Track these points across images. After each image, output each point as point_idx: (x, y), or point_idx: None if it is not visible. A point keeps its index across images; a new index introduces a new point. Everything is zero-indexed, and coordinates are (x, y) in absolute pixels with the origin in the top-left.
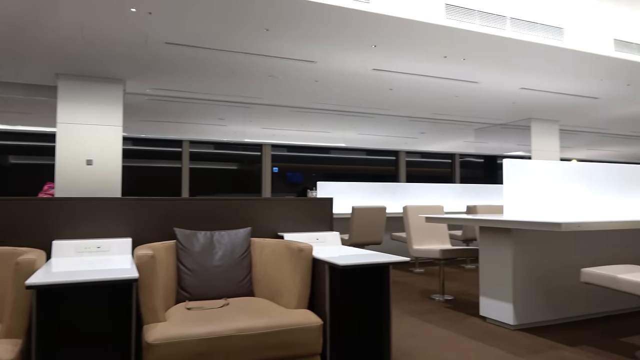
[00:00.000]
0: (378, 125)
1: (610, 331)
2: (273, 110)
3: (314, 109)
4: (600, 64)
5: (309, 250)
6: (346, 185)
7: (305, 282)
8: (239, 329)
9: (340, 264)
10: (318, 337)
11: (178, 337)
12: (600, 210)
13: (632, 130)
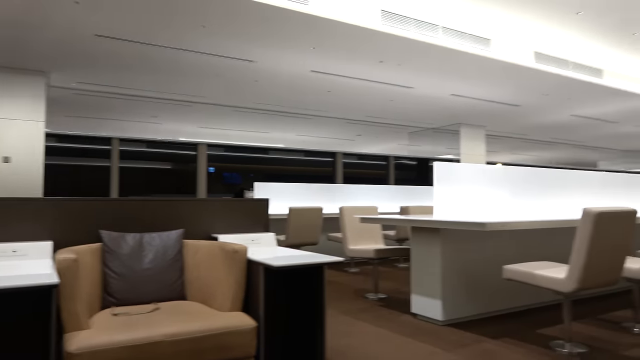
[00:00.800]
0: (316, 127)
1: (529, 324)
2: (210, 108)
3: (252, 108)
4: (522, 74)
5: (244, 252)
6: (284, 186)
7: (239, 284)
8: (168, 334)
9: (275, 265)
10: (252, 339)
11: (102, 345)
12: (521, 210)
13: (550, 137)
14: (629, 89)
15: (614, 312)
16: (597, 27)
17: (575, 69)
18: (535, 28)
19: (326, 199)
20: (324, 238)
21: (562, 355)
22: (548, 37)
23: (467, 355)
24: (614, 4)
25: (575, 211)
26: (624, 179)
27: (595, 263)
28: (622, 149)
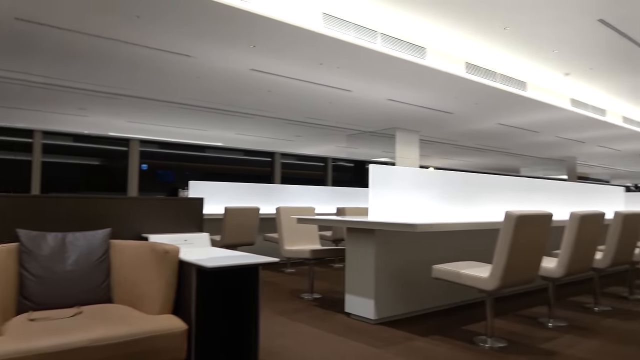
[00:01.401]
0: (255, 126)
1: (455, 320)
2: (143, 103)
3: (189, 105)
4: (454, 83)
5: (175, 252)
6: (220, 185)
7: (170, 285)
8: (92, 340)
9: (208, 265)
10: (182, 343)
11: (15, 353)
12: (450, 213)
13: (479, 143)
14: (549, 101)
15: (532, 308)
16: (522, 42)
17: (503, 81)
18: (467, 40)
19: (263, 199)
20: (260, 238)
21: (484, 349)
22: (478, 49)
23: (397, 352)
24: (536, 22)
25: (498, 214)
26: (543, 184)
27: (515, 262)
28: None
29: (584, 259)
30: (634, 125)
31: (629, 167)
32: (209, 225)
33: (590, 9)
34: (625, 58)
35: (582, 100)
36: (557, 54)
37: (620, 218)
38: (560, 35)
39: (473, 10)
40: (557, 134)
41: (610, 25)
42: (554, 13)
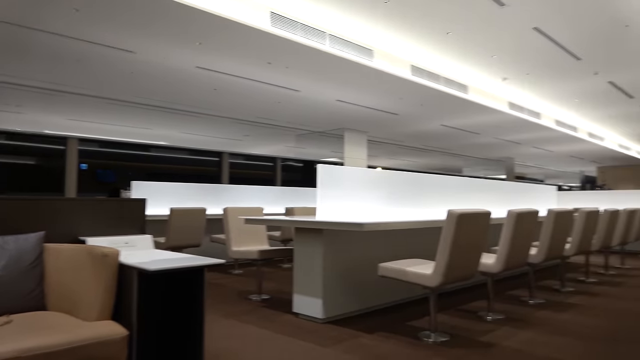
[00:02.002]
0: (202, 125)
1: (401, 317)
2: (83, 100)
3: (132, 102)
4: (400, 85)
5: (115, 256)
6: (165, 185)
7: (108, 290)
8: (23, 350)
9: (150, 269)
10: (122, 350)
11: None
12: (397, 212)
13: (424, 144)
14: (489, 104)
15: (472, 303)
16: (463, 47)
17: (446, 84)
18: (412, 44)
19: (211, 199)
20: (207, 240)
21: (428, 344)
22: (423, 52)
23: (344, 350)
24: (477, 28)
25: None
26: (483, 184)
27: (456, 259)
28: (482, 157)
29: (520, 255)
30: (565, 128)
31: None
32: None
33: (526, 17)
34: (558, 65)
35: (519, 104)
36: (495, 60)
37: (553, 215)
38: (499, 42)
39: (418, 15)
40: (496, 135)
41: (544, 34)
42: (493, 20)
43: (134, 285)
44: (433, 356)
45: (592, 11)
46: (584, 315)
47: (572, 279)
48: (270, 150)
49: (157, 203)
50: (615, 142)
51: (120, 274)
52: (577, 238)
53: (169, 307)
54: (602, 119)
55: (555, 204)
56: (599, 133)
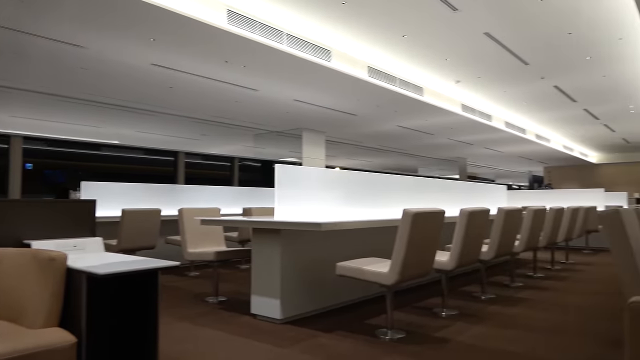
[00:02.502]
0: (157, 124)
1: (359, 315)
2: (29, 96)
3: (82, 99)
4: (357, 86)
5: (62, 260)
6: (117, 185)
7: (56, 296)
8: None
9: (100, 272)
10: (70, 358)
11: None
12: (355, 211)
13: (381, 144)
14: (443, 106)
15: (427, 299)
16: (419, 50)
17: (402, 85)
18: (369, 45)
19: (166, 200)
20: (162, 241)
21: (384, 341)
22: (380, 54)
23: (302, 350)
24: (431, 31)
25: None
26: (438, 183)
27: (412, 257)
28: (436, 158)
29: (472, 252)
30: (514, 130)
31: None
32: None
33: (477, 23)
34: (507, 69)
35: (471, 106)
36: (449, 63)
37: (503, 214)
38: (452, 46)
39: (374, 17)
40: (450, 136)
41: (494, 39)
42: (446, 25)
43: (83, 290)
44: (390, 353)
45: (539, 19)
46: (533, 309)
47: (521, 275)
48: (228, 150)
49: (109, 204)
50: (560, 144)
51: (68, 278)
52: (525, 235)
53: (122, 311)
54: (548, 121)
55: (505, 203)
56: (545, 135)
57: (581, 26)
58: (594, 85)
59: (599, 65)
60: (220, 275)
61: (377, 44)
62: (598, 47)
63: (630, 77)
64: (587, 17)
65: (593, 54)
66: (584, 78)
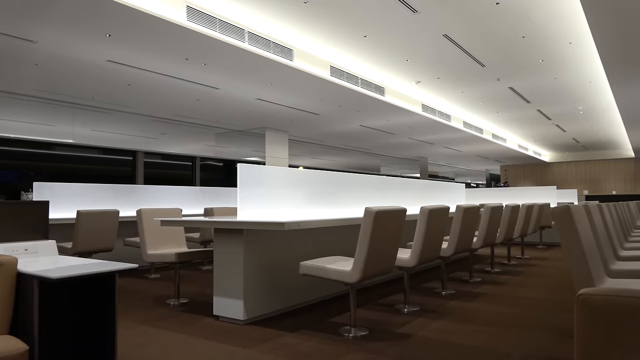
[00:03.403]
0: (115, 123)
1: (323, 314)
2: None
3: (33, 96)
4: (320, 85)
5: (12, 264)
6: (73, 186)
7: (6, 302)
8: None
9: (53, 277)
10: None
11: None
12: (318, 210)
13: (344, 144)
14: (404, 106)
15: (390, 296)
16: (380, 50)
17: (363, 85)
18: (332, 45)
19: (124, 200)
20: (120, 243)
21: (348, 339)
22: (342, 54)
23: (266, 350)
24: (391, 32)
25: (361, 210)
26: (400, 182)
27: (374, 255)
28: (398, 157)
29: (433, 249)
30: (472, 130)
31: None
32: (58, 232)
33: (436, 24)
34: (465, 71)
35: (431, 106)
36: (409, 63)
37: (461, 211)
38: (412, 47)
39: (336, 17)
40: (411, 135)
41: (453, 41)
42: (407, 26)
43: (35, 296)
44: (353, 351)
45: (495, 22)
46: (490, 304)
47: (479, 270)
48: (189, 149)
49: (64, 206)
50: (515, 143)
51: (19, 283)
52: (483, 232)
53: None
54: (504, 121)
55: (463, 201)
56: (501, 134)
57: (534, 30)
58: (546, 87)
59: (550, 68)
60: (181, 277)
61: (339, 43)
62: (550, 51)
63: (579, 80)
64: (540, 21)
65: (545, 57)
66: (537, 80)
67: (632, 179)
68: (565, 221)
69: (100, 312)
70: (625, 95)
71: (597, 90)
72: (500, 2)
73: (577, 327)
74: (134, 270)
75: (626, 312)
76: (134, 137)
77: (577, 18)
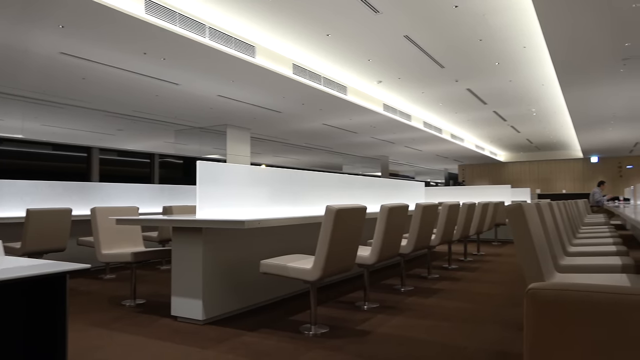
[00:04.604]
0: (68, 117)
1: (284, 312)
2: None
3: None
4: (282, 83)
5: None
6: (22, 184)
7: None
8: None
9: None
10: None
11: None
12: (280, 208)
13: (306, 142)
14: (366, 105)
15: (350, 294)
16: (342, 49)
17: (326, 84)
18: (294, 43)
19: (78, 199)
20: (73, 243)
21: (308, 337)
22: (305, 52)
23: (226, 350)
24: (354, 31)
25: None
26: (361, 180)
27: (335, 253)
28: (361, 156)
29: (393, 246)
30: (432, 130)
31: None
32: (6, 232)
33: (398, 25)
34: (425, 71)
35: (392, 106)
36: (371, 63)
37: (420, 209)
38: (374, 47)
39: (299, 15)
40: (373, 135)
41: (413, 42)
42: (369, 26)
43: None
44: (312, 349)
45: (453, 25)
46: (447, 299)
47: (437, 267)
48: (147, 146)
49: (12, 204)
50: (473, 143)
51: None
52: (441, 229)
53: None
54: (462, 122)
55: (423, 199)
56: (459, 134)
57: (491, 34)
58: (502, 90)
59: (506, 70)
60: (138, 277)
61: (302, 41)
62: (505, 54)
63: (533, 83)
64: (496, 25)
65: (501, 60)
66: (493, 82)
67: (581, 178)
68: (518, 219)
69: (50, 315)
70: (575, 99)
71: (549, 93)
72: (459, 5)
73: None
74: (87, 270)
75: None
76: (88, 132)
77: (531, 23)
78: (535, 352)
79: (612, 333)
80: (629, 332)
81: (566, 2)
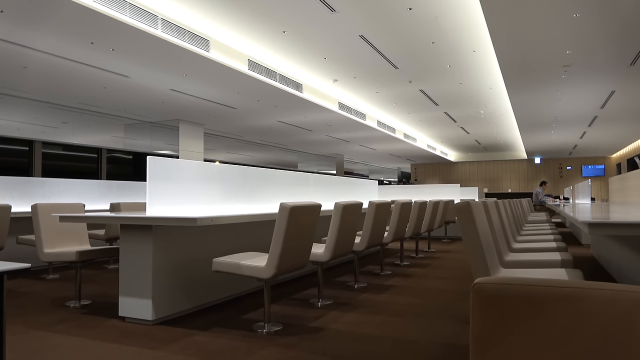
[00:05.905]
0: (7, 109)
1: (237, 311)
2: None
3: None
4: (237, 78)
5: None
6: None
7: None
8: None
9: None
10: None
11: None
12: (234, 205)
13: (261, 139)
14: (321, 103)
15: (304, 291)
16: (298, 47)
17: (281, 81)
18: (250, 38)
19: (18, 195)
20: (13, 241)
21: (262, 335)
22: (260, 48)
23: (176, 350)
24: (309, 29)
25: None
26: (316, 178)
27: (289, 250)
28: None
29: (346, 243)
30: (386, 129)
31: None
32: None
33: (353, 25)
34: (379, 72)
35: (347, 105)
36: (327, 62)
37: (373, 207)
38: (330, 45)
39: (254, 10)
40: (328, 133)
41: (368, 42)
42: (325, 24)
43: None
44: (265, 347)
45: (407, 27)
46: (399, 295)
47: (389, 263)
48: (95, 140)
49: None
50: (425, 143)
51: None
52: (393, 226)
53: None
54: (414, 122)
55: (376, 197)
56: (412, 134)
57: (443, 37)
58: (452, 91)
59: (456, 73)
60: (84, 277)
61: (257, 37)
62: (456, 57)
63: (481, 86)
64: (448, 28)
65: (452, 62)
66: (444, 84)
67: (525, 178)
68: (466, 216)
69: None
70: (520, 102)
71: (497, 96)
72: (412, 8)
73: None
74: (28, 270)
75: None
76: (30, 125)
77: (480, 28)
78: (480, 343)
79: (545, 324)
80: (560, 322)
81: (513, 9)
